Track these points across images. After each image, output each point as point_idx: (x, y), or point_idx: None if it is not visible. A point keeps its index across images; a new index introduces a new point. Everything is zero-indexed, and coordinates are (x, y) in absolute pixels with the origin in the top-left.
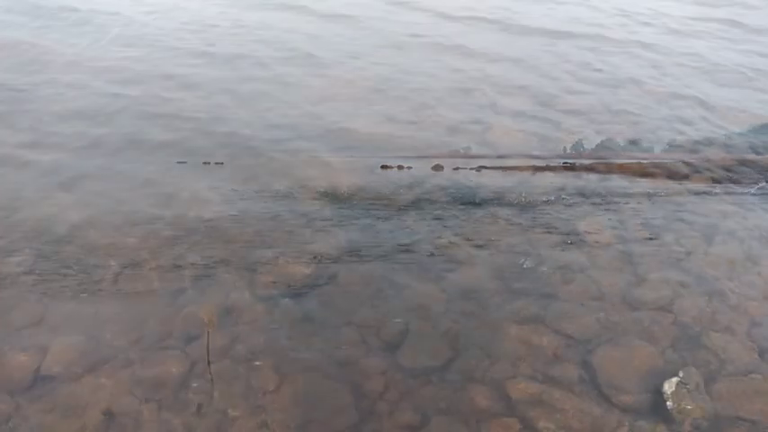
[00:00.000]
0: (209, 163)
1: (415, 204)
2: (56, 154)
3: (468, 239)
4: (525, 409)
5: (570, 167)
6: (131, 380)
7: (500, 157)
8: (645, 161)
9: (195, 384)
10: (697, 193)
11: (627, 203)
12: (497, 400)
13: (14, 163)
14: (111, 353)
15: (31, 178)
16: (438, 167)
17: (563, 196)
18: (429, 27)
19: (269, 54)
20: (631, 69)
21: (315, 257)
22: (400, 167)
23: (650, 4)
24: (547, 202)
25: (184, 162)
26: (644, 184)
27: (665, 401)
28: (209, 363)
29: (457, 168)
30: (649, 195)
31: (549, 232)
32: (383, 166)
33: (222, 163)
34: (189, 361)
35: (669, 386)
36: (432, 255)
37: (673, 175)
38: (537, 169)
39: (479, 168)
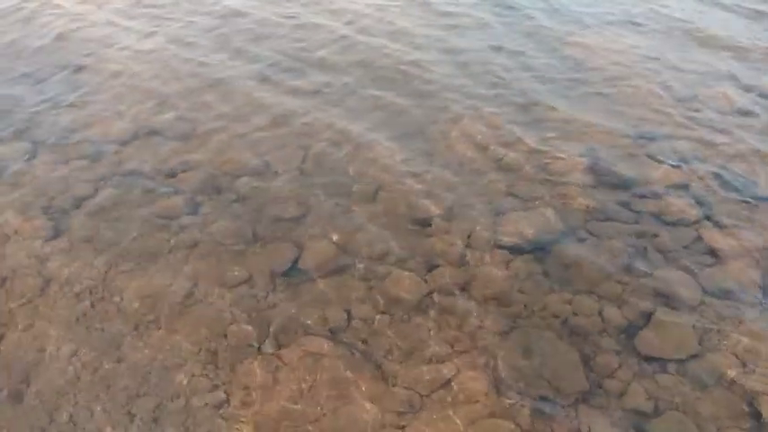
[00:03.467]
0: None
1: (682, 185)
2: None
3: (733, 234)
4: None
5: None
6: (371, 290)
7: None
8: None
9: (428, 310)
10: None
11: None
12: (743, 413)
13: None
14: (358, 261)
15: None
16: None
17: None
18: None
19: None
20: None
21: (562, 216)
22: None
23: None
24: None
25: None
26: None
27: None
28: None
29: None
30: None
31: None
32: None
33: None
34: (427, 287)
35: None
36: (691, 243)
37: None
38: None
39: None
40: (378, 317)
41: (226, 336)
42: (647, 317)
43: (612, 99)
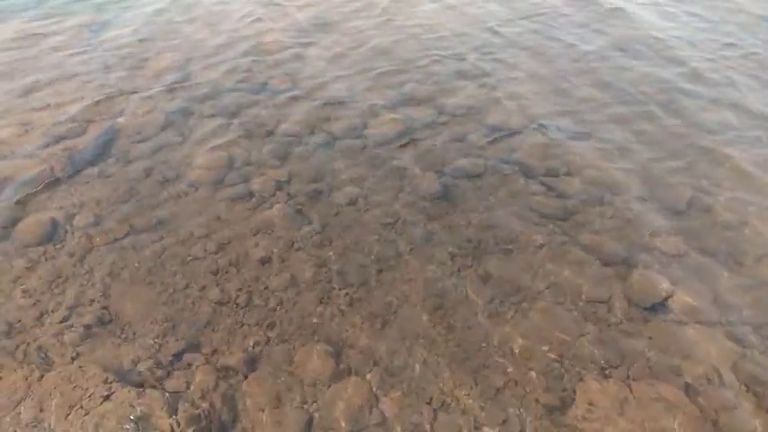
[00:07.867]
0: None
1: None
2: None
3: None
4: None
5: None
6: (736, 362)
7: None
8: None
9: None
10: None
11: None
12: None
13: None
14: (727, 322)
15: None
16: None
17: None
18: None
19: None
20: None
21: None
22: None
23: None
24: None
25: None
26: None
27: None
28: None
29: None
30: None
31: None
32: None
33: None
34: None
35: None
36: None
37: None
38: None
39: None
40: (744, 391)
41: (572, 346)
42: None
43: None
